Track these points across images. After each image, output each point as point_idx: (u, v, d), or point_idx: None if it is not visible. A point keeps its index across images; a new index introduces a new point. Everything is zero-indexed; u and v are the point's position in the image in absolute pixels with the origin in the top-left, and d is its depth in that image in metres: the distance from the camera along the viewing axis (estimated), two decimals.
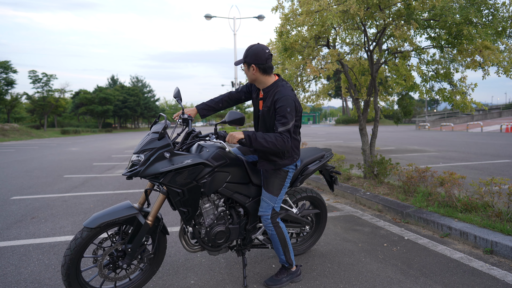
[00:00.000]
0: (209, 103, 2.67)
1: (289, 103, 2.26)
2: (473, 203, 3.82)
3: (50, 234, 3.74)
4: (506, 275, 2.62)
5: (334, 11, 4.28)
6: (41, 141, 25.36)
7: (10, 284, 2.58)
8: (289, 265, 2.55)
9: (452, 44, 4.87)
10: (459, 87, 5.40)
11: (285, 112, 2.24)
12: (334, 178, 3.07)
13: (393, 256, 3.03)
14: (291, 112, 2.26)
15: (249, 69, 2.37)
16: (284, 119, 2.24)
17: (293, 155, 2.47)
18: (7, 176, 7.88)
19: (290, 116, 2.25)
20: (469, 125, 29.64)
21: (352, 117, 49.49)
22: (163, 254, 2.46)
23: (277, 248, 2.51)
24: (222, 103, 2.68)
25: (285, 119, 2.24)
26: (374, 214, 4.38)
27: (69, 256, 2.09)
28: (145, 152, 2.14)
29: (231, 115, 2.25)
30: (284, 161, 2.44)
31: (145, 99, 65.98)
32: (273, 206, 2.46)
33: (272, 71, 2.40)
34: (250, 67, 2.36)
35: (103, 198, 5.48)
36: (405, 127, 38.21)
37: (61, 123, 52.77)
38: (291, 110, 2.25)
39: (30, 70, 42.85)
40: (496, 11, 4.46)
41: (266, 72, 2.37)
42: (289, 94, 2.30)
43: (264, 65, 2.33)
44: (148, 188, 2.35)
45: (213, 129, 2.40)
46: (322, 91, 7.55)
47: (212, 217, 2.40)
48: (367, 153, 5.80)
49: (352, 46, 6.54)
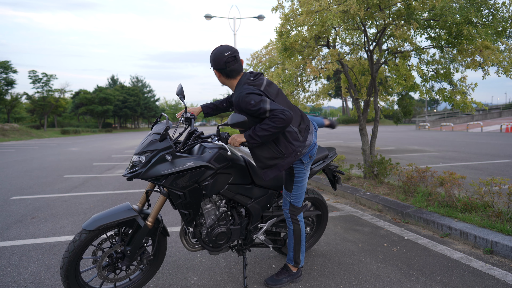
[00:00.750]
0: (214, 103, 2.68)
1: (249, 98, 2.09)
2: (473, 203, 3.82)
3: (50, 234, 3.74)
4: (506, 275, 2.62)
5: (334, 11, 4.28)
6: (41, 141, 25.36)
7: (10, 284, 2.58)
8: (295, 263, 2.56)
9: (452, 44, 4.87)
10: (459, 87, 5.40)
11: (252, 106, 2.08)
12: (337, 177, 3.07)
13: (393, 256, 3.03)
14: (258, 102, 2.08)
15: (216, 75, 2.29)
16: (258, 111, 2.08)
17: (294, 150, 2.27)
18: (7, 176, 7.88)
19: (259, 102, 2.08)
20: (469, 125, 29.63)
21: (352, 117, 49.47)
22: (163, 255, 2.45)
23: (289, 244, 2.54)
24: (226, 103, 2.69)
25: (259, 108, 2.07)
26: (374, 214, 4.38)
27: (67, 258, 2.09)
28: (146, 154, 2.12)
29: (233, 118, 2.12)
30: (287, 160, 2.27)
31: (145, 99, 66.00)
32: (289, 201, 2.48)
33: (237, 74, 2.25)
34: (215, 73, 2.27)
35: (103, 198, 5.48)
36: (405, 127, 38.21)
37: (61, 123, 52.79)
38: (255, 102, 2.08)
39: (30, 70, 42.89)
40: (496, 11, 4.46)
41: (230, 76, 2.24)
42: (243, 90, 2.14)
43: (224, 70, 2.21)
44: (149, 189, 2.34)
45: (216, 130, 2.38)
46: (322, 91, 7.56)
47: (213, 218, 2.39)
48: (367, 153, 5.80)
49: (352, 46, 6.54)
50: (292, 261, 2.56)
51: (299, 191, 2.46)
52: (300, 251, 2.54)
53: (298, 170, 2.42)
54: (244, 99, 2.11)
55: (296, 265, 2.56)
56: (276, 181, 2.62)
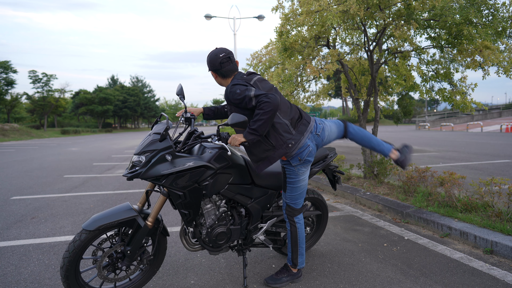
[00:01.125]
0: (216, 106, 2.75)
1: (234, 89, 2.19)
2: (473, 203, 3.82)
3: (50, 234, 3.74)
4: (506, 275, 2.62)
5: (334, 11, 4.28)
6: (41, 141, 25.36)
7: (10, 284, 2.58)
8: (293, 264, 2.55)
9: (452, 44, 4.87)
10: (459, 87, 5.40)
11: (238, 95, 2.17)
12: (337, 177, 3.07)
13: (393, 256, 3.03)
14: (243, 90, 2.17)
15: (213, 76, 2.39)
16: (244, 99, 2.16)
17: (284, 142, 2.27)
18: (7, 176, 7.88)
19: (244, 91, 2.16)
20: (469, 125, 29.63)
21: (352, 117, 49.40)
22: (163, 255, 2.45)
23: (288, 245, 2.55)
24: (227, 107, 2.71)
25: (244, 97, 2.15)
26: (374, 214, 4.38)
27: (67, 258, 2.09)
28: (146, 154, 2.12)
29: (233, 118, 2.13)
30: (277, 152, 2.28)
31: (145, 99, 66.00)
32: (285, 201, 2.49)
33: (232, 73, 2.35)
34: (212, 74, 2.38)
35: (103, 198, 5.48)
36: (405, 127, 38.21)
37: (61, 123, 52.77)
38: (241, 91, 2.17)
39: (30, 70, 42.88)
40: (496, 11, 4.46)
41: (225, 76, 2.34)
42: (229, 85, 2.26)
43: (220, 70, 2.32)
44: (149, 189, 2.34)
45: (216, 130, 2.38)
46: (322, 91, 7.56)
47: (213, 218, 2.39)
48: (367, 153, 5.81)
49: (352, 46, 6.54)
50: (290, 261, 2.56)
51: (294, 192, 2.44)
52: (298, 253, 2.52)
53: (288, 171, 2.42)
54: (231, 90, 2.22)
55: (294, 266, 2.56)
56: (276, 181, 2.62)
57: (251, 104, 2.16)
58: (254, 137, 2.16)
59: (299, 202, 2.48)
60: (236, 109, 2.27)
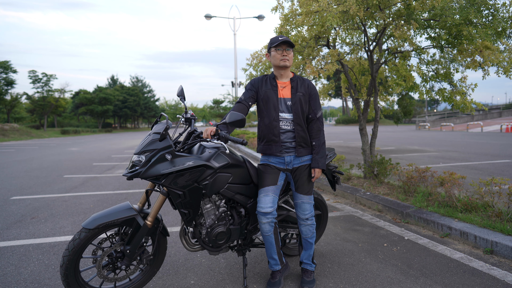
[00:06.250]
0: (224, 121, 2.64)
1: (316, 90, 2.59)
2: (473, 203, 3.82)
3: (50, 234, 3.74)
4: (506, 275, 2.62)
5: (334, 12, 4.28)
6: (41, 141, 25.35)
7: (10, 284, 2.58)
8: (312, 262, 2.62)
9: (452, 44, 4.87)
10: (459, 87, 5.40)
11: (318, 98, 2.55)
12: (336, 178, 3.06)
13: (393, 256, 3.03)
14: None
15: (291, 54, 2.50)
16: (319, 104, 2.56)
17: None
18: (7, 176, 7.88)
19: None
20: (469, 125, 29.64)
21: (352, 117, 49.48)
22: (163, 255, 2.45)
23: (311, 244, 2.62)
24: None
25: (320, 104, 2.57)
26: (374, 214, 4.38)
27: (67, 257, 2.08)
28: (146, 153, 2.12)
29: (232, 116, 2.14)
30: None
31: (145, 99, 66.00)
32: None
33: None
34: (292, 53, 2.51)
35: (103, 198, 5.48)
36: (405, 127, 38.21)
37: (61, 123, 52.76)
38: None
39: (30, 70, 42.90)
40: (496, 11, 4.46)
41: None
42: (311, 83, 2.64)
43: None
44: (149, 189, 2.34)
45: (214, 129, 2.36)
46: (322, 91, 7.55)
47: (213, 218, 2.39)
48: (367, 153, 5.80)
49: (352, 46, 6.54)
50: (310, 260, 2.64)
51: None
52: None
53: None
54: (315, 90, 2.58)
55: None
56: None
57: (318, 111, 2.53)
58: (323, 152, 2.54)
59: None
60: (303, 98, 2.46)
